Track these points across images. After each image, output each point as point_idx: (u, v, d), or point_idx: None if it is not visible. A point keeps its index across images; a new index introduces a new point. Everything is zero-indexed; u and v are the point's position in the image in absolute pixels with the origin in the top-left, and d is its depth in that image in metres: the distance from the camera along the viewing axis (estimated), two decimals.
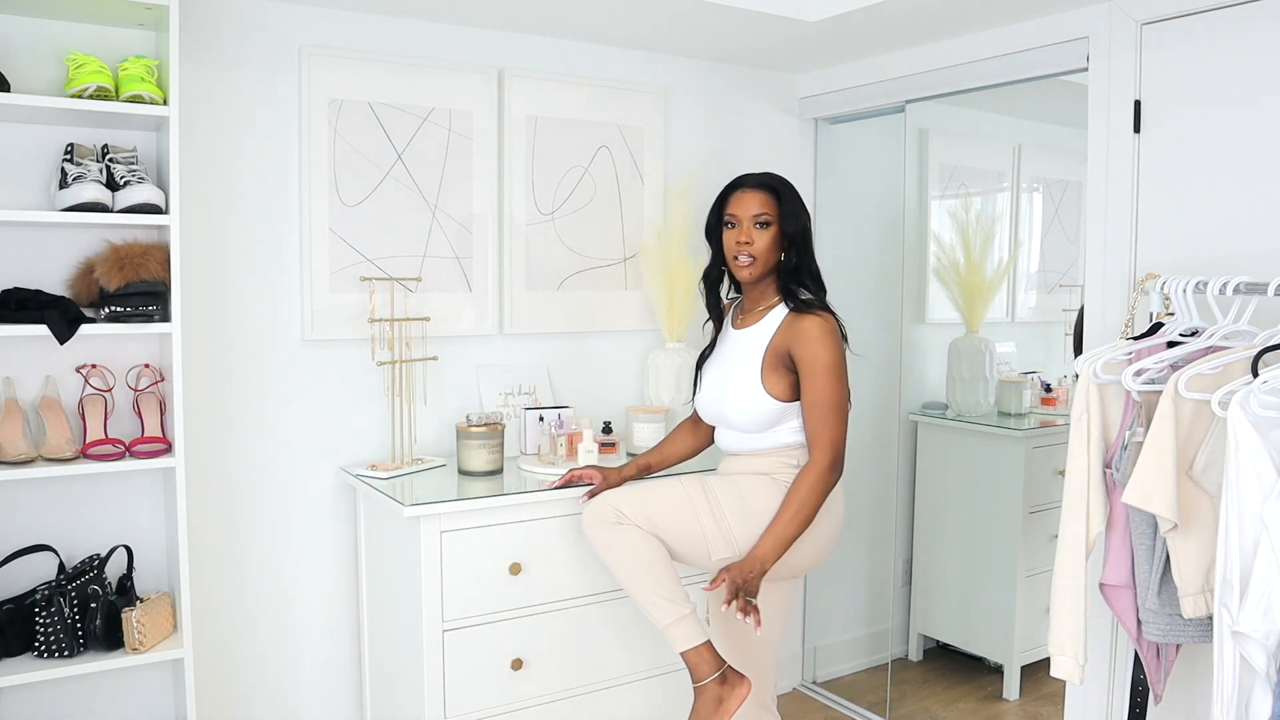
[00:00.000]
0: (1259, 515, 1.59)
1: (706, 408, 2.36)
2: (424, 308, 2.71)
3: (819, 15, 2.65)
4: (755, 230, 2.23)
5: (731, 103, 3.25)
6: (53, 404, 2.25)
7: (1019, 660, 3.34)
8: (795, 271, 2.26)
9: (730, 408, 2.26)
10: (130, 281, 2.15)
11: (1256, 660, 1.58)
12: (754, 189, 2.25)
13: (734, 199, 2.27)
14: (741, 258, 2.24)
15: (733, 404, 2.26)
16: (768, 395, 2.20)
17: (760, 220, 2.22)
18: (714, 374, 2.34)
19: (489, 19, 2.71)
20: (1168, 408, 1.78)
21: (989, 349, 3.47)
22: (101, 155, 2.23)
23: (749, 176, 2.29)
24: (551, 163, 2.90)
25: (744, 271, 2.25)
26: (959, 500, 3.51)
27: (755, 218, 2.22)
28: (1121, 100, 2.34)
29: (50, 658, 2.13)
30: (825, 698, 3.42)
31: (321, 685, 2.69)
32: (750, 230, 2.23)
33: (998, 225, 3.63)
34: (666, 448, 2.52)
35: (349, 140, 2.60)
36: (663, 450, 2.52)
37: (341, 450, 2.66)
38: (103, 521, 2.38)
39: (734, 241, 2.25)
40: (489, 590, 2.34)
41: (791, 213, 2.24)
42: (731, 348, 2.32)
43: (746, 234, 2.23)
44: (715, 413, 2.33)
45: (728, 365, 2.30)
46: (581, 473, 2.41)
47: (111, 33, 2.29)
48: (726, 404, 2.27)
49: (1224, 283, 1.88)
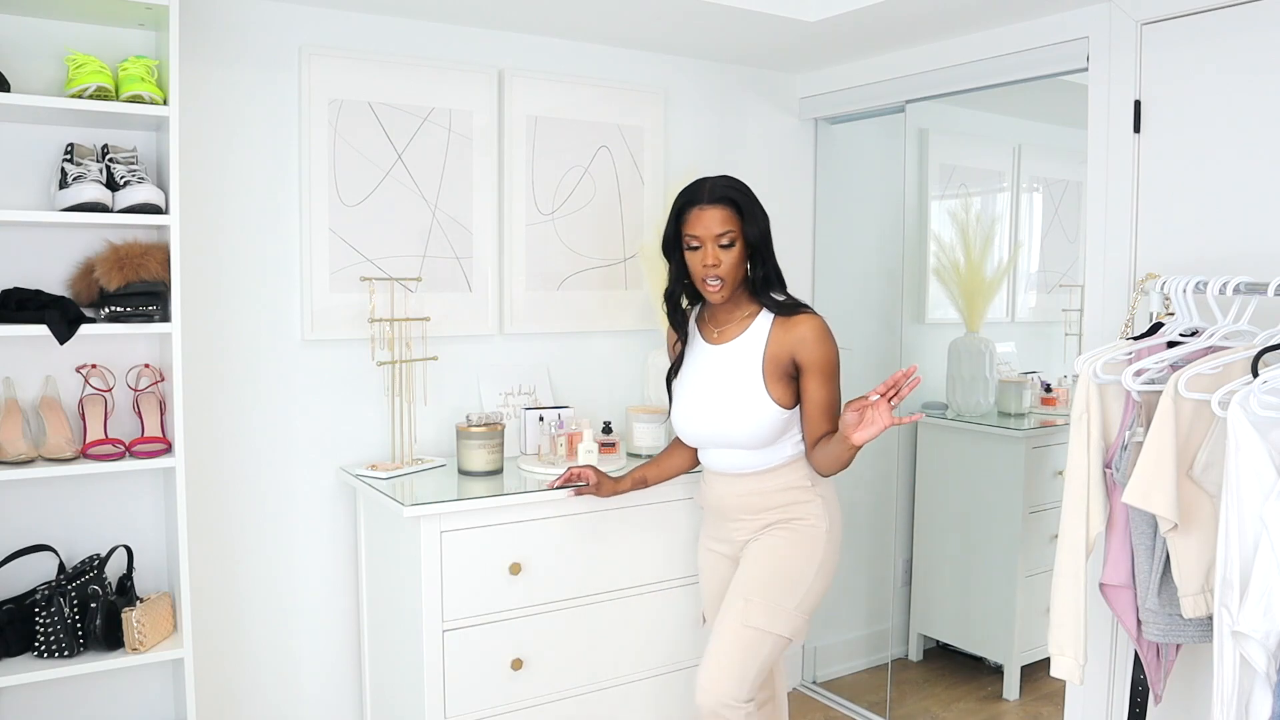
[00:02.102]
0: (1259, 515, 1.59)
1: (699, 430, 2.26)
2: (424, 308, 2.71)
3: (819, 15, 2.64)
4: (721, 251, 2.13)
5: (731, 103, 3.25)
6: (53, 404, 2.25)
7: (1019, 660, 3.34)
8: (765, 279, 2.19)
9: (736, 426, 2.18)
10: (130, 281, 2.15)
11: (1256, 660, 1.58)
12: (713, 205, 2.13)
13: (693, 217, 2.15)
14: (711, 281, 2.16)
15: (739, 421, 2.17)
16: (776, 405, 2.15)
17: (725, 240, 2.13)
18: (700, 393, 2.25)
19: (489, 19, 2.71)
20: (1168, 408, 1.78)
21: (989, 349, 3.47)
22: (101, 155, 2.23)
23: (704, 188, 2.16)
24: (551, 163, 2.90)
25: (715, 295, 2.17)
26: (959, 500, 3.51)
27: (719, 238, 2.13)
28: (1121, 100, 2.34)
29: (50, 658, 2.13)
30: (825, 698, 3.42)
31: (321, 685, 2.69)
32: (716, 252, 2.13)
33: (998, 225, 3.63)
34: (664, 461, 2.47)
35: (349, 140, 2.60)
36: (660, 464, 2.47)
37: (341, 450, 2.66)
38: (103, 521, 2.38)
39: (700, 265, 2.15)
40: (489, 590, 2.34)
41: (753, 221, 2.15)
42: (715, 364, 2.23)
43: (713, 256, 2.13)
44: (713, 434, 2.24)
45: (718, 382, 2.22)
46: (579, 471, 2.39)
47: (111, 33, 2.29)
48: (730, 423, 2.19)
49: (1224, 283, 1.88)
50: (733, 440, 2.21)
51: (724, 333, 2.24)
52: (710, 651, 2.18)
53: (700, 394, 2.25)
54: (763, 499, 2.23)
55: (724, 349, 2.23)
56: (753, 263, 2.19)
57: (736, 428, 2.18)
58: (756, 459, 2.22)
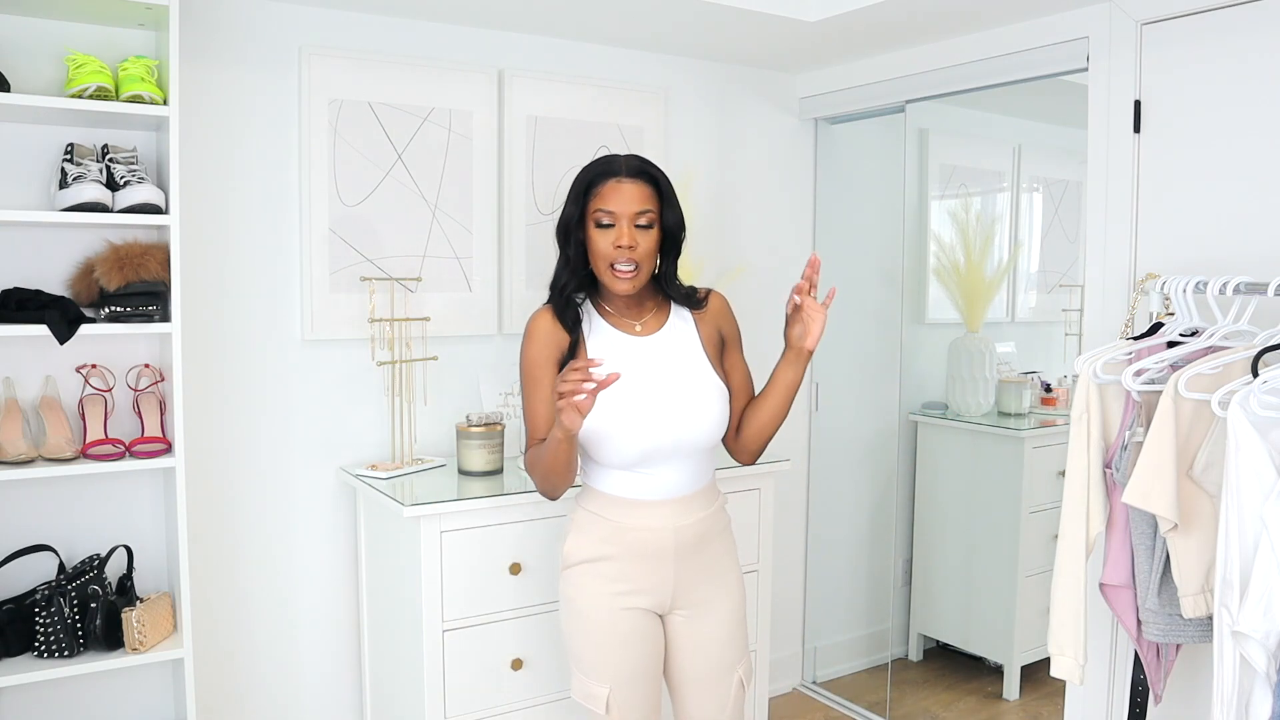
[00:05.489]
0: (1259, 515, 1.59)
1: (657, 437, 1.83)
2: (424, 308, 2.71)
3: (819, 15, 2.65)
4: (638, 232, 1.80)
5: (731, 103, 3.25)
6: (53, 404, 2.25)
7: (1019, 660, 3.34)
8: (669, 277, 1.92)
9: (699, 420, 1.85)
10: (130, 281, 2.15)
11: (1256, 660, 1.58)
12: (633, 179, 1.81)
13: (608, 190, 1.81)
14: (622, 266, 1.81)
15: (706, 412, 1.86)
16: (727, 389, 1.93)
17: (642, 220, 1.81)
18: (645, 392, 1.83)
19: (489, 19, 2.71)
20: (1168, 408, 1.78)
21: (989, 349, 3.47)
22: (101, 155, 2.23)
23: (618, 162, 1.84)
24: (551, 163, 2.90)
25: (624, 284, 1.82)
26: (959, 500, 3.51)
27: (637, 216, 1.80)
28: (1121, 100, 2.34)
29: (50, 658, 2.13)
30: (825, 698, 3.42)
31: (321, 685, 2.69)
32: (632, 232, 1.80)
33: (998, 225, 3.63)
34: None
35: (349, 140, 2.60)
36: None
37: (341, 450, 2.66)
38: (103, 521, 2.38)
39: (610, 245, 1.80)
40: (489, 590, 2.34)
41: (672, 206, 1.87)
42: (651, 356, 1.88)
43: (629, 236, 1.79)
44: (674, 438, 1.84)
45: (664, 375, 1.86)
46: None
47: (111, 33, 2.29)
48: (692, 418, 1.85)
49: (1224, 283, 1.88)
50: (695, 440, 1.86)
51: (646, 324, 1.92)
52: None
53: (645, 393, 1.83)
54: (713, 520, 1.93)
55: (655, 340, 1.90)
56: (664, 255, 1.91)
57: (699, 423, 1.85)
58: (705, 469, 1.92)
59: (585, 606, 1.88)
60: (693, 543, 1.90)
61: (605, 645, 1.87)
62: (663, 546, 1.87)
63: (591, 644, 1.88)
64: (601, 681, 1.87)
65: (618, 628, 1.87)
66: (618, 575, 1.87)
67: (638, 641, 1.88)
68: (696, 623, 1.93)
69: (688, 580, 1.90)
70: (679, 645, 1.94)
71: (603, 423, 1.81)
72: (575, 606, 1.90)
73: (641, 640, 1.89)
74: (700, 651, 1.93)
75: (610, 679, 1.86)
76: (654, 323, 1.92)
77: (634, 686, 1.88)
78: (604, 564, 1.88)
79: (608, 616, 1.87)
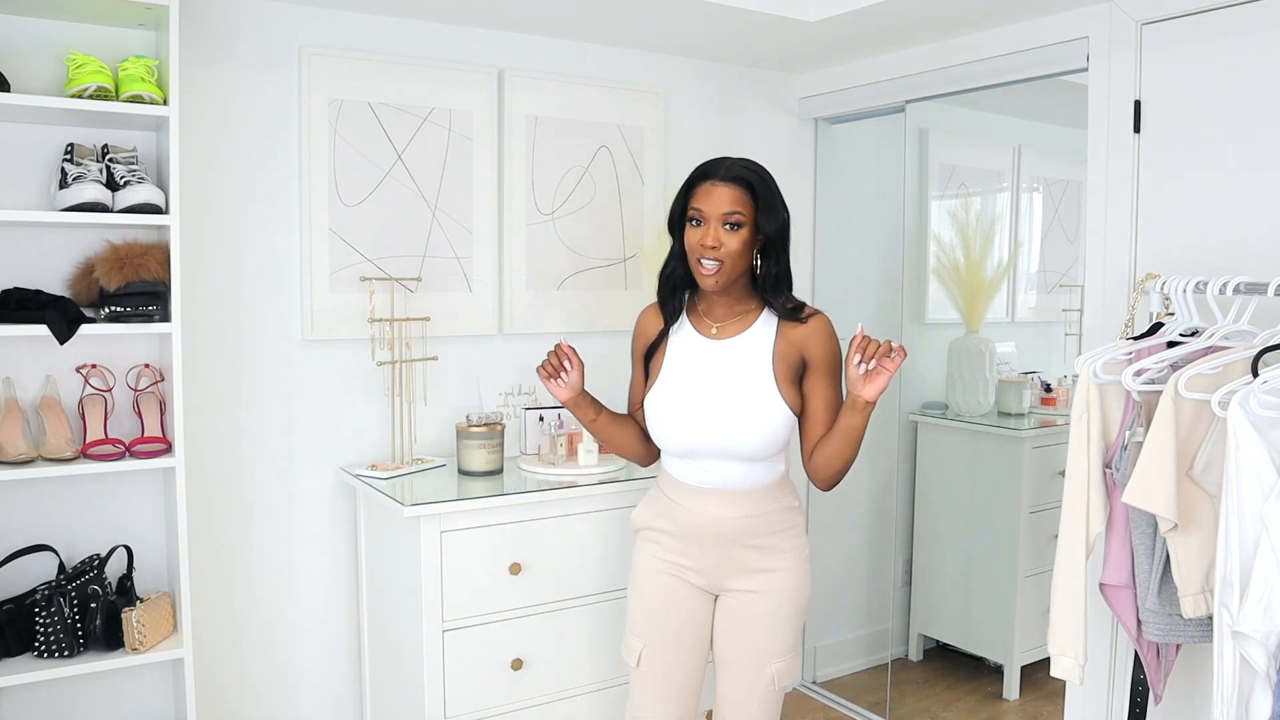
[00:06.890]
0: (1259, 515, 1.59)
1: (694, 438, 1.97)
2: (424, 308, 2.71)
3: (819, 15, 2.65)
4: (724, 232, 1.90)
5: (731, 103, 3.25)
6: (53, 404, 2.25)
7: (1019, 660, 3.34)
8: (775, 278, 1.98)
9: (743, 432, 1.94)
10: (130, 281, 2.15)
11: (1256, 660, 1.58)
12: (726, 182, 1.91)
13: (702, 191, 1.93)
14: (706, 263, 1.92)
15: (747, 427, 1.94)
16: (788, 409, 1.95)
17: (731, 220, 1.91)
18: (697, 394, 1.98)
19: (489, 19, 2.71)
20: (1168, 408, 1.78)
21: (989, 349, 3.47)
22: (101, 155, 2.23)
23: (721, 165, 1.95)
24: (551, 163, 2.90)
25: (708, 280, 1.93)
26: (959, 500, 3.51)
27: (725, 216, 1.90)
28: (1121, 100, 2.34)
29: (50, 658, 2.13)
30: (825, 698, 3.42)
31: (321, 685, 2.69)
32: (718, 232, 1.90)
33: (998, 225, 3.64)
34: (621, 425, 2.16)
35: (349, 140, 2.60)
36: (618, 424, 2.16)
37: (341, 450, 2.66)
38: (103, 521, 2.38)
39: (697, 242, 1.92)
40: (489, 590, 2.34)
41: (769, 211, 1.93)
42: (715, 360, 2.00)
43: (714, 236, 1.90)
44: (711, 442, 1.96)
45: (720, 382, 1.97)
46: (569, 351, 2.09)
47: (111, 33, 2.29)
48: (736, 429, 1.94)
49: (1224, 283, 1.88)
50: (735, 450, 1.96)
51: (724, 328, 2.02)
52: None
53: (697, 394, 1.98)
54: (765, 521, 2.00)
55: (726, 345, 2.00)
56: (764, 258, 1.99)
57: (743, 435, 1.94)
58: (756, 472, 1.99)
59: (638, 567, 2.10)
60: (735, 535, 2.00)
61: (646, 605, 2.07)
62: (704, 532, 2.01)
63: (636, 601, 2.09)
64: (639, 636, 2.07)
65: (658, 590, 2.05)
66: (667, 546, 2.05)
67: (675, 609, 2.05)
68: (740, 610, 2.03)
69: (730, 568, 2.02)
70: (721, 626, 2.06)
71: (655, 414, 2.02)
72: (633, 565, 2.12)
73: (680, 609, 2.05)
74: (739, 636, 2.03)
75: (644, 636, 2.06)
76: (733, 327, 2.02)
77: (665, 649, 2.05)
78: (657, 534, 2.07)
79: (652, 579, 2.06)
